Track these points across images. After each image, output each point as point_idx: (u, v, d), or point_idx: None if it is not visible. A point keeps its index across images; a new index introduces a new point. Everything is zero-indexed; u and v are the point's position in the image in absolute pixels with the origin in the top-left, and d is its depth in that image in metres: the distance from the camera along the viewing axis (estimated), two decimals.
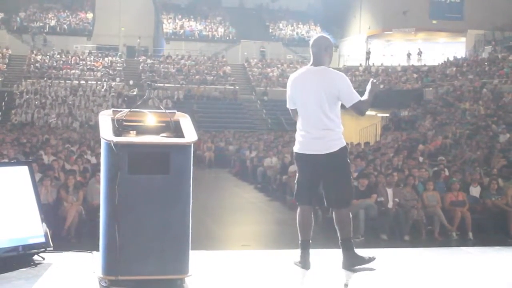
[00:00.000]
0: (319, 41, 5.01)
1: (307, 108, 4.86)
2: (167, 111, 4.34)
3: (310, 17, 50.24)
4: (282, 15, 50.70)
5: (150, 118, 4.28)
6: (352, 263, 4.82)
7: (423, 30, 44.34)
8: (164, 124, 4.29)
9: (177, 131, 4.23)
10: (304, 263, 4.86)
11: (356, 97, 4.83)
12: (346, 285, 4.58)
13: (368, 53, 44.17)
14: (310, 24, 49.51)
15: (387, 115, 30.57)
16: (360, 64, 42.10)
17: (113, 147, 3.92)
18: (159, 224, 4.01)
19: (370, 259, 4.88)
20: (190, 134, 4.18)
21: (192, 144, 4.13)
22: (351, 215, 4.96)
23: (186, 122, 4.31)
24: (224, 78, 40.29)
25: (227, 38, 46.87)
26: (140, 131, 4.21)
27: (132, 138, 4.12)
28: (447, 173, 14.62)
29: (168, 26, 46.71)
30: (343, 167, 4.91)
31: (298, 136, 4.93)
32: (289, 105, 5.06)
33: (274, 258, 5.29)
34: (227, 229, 12.76)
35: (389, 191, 12.09)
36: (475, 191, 13.00)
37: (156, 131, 4.24)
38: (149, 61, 41.81)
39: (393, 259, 5.30)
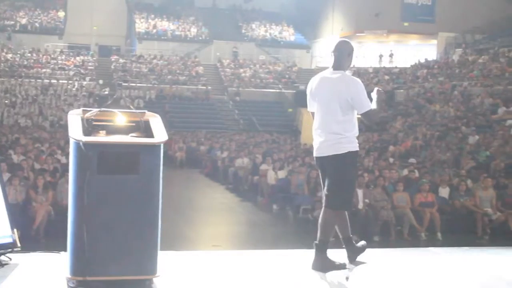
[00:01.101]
0: (342, 45, 4.97)
1: (320, 111, 4.89)
2: (137, 111, 4.33)
3: (283, 18, 50.39)
4: (255, 15, 50.75)
5: (120, 118, 4.25)
6: (323, 266, 4.82)
7: (395, 32, 44.76)
8: (134, 124, 4.26)
9: (147, 131, 4.21)
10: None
11: (368, 106, 4.87)
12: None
13: None
14: (283, 25, 49.66)
15: (359, 116, 30.70)
16: None
17: (82, 147, 3.89)
18: (128, 224, 3.99)
19: (341, 266, 4.88)
20: (160, 134, 4.16)
21: (162, 144, 4.11)
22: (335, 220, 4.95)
23: (156, 122, 4.29)
24: (197, 78, 40.16)
25: (200, 38, 46.79)
26: (110, 131, 4.18)
27: (101, 137, 4.09)
28: (417, 174, 14.77)
29: (140, 25, 46.48)
30: (347, 170, 4.85)
31: (314, 139, 4.95)
32: (309, 109, 5.06)
33: (244, 259, 5.29)
34: (198, 229, 12.73)
35: (359, 192, 12.16)
36: (444, 192, 13.16)
37: (126, 131, 4.21)
38: (121, 60, 41.51)
39: (362, 260, 5.33)
